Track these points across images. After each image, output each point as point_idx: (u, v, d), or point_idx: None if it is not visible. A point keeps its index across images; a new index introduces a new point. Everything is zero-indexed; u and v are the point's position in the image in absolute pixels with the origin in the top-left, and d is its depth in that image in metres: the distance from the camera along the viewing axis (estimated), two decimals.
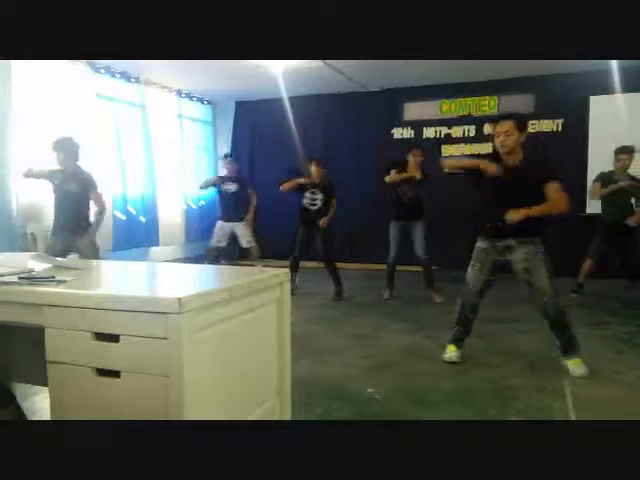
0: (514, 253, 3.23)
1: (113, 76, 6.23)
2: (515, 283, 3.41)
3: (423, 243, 5.23)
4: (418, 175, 5.15)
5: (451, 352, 3.45)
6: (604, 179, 5.42)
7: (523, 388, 2.97)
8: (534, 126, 6.62)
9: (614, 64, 5.98)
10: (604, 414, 2.59)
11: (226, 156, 6.61)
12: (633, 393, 2.91)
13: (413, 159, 5.18)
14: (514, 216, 3.06)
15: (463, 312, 3.44)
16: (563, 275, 4.23)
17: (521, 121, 3.20)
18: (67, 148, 4.52)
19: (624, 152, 5.32)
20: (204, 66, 5.82)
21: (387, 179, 5.18)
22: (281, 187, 5.59)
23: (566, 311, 3.24)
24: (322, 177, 5.61)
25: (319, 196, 5.56)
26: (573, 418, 2.57)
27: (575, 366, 3.18)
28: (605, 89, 6.23)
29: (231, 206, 6.33)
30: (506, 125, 3.13)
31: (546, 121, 6.66)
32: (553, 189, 3.10)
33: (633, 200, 5.40)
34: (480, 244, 3.36)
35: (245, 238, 6.36)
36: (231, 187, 6.33)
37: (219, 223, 6.42)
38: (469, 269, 3.38)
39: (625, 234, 5.34)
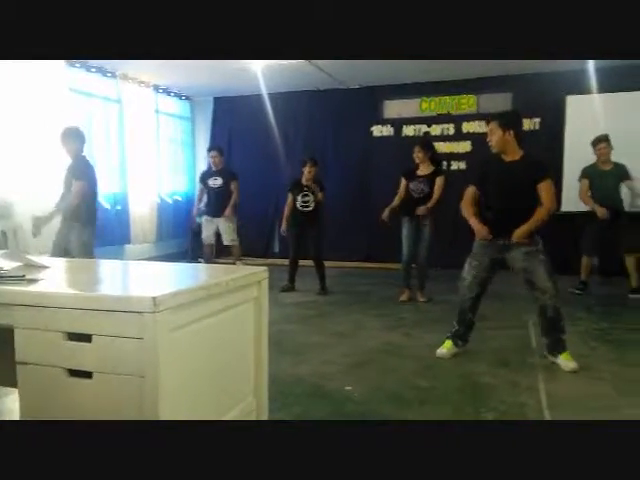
0: (512, 251, 3.25)
1: (89, 71, 6.12)
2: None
3: (426, 246, 5.05)
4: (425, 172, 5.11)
5: (442, 348, 3.49)
6: (590, 173, 5.43)
7: (497, 385, 3.00)
8: None
9: (591, 65, 6.08)
10: (578, 411, 2.63)
11: (210, 149, 6.52)
12: (606, 389, 2.95)
13: (416, 158, 5.13)
14: (518, 235, 3.16)
15: (461, 309, 3.48)
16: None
17: (504, 119, 3.29)
18: (73, 138, 4.48)
19: (601, 141, 5.37)
20: (182, 62, 5.73)
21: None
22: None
23: (562, 313, 3.26)
24: (314, 177, 5.60)
25: (310, 198, 5.59)
26: (547, 415, 2.60)
27: (566, 360, 3.22)
28: (581, 89, 6.33)
29: (216, 201, 6.25)
30: (490, 126, 3.30)
31: (523, 120, 6.72)
32: (543, 188, 3.20)
33: (624, 188, 5.39)
34: (480, 241, 3.38)
35: (228, 236, 6.27)
36: (216, 182, 6.26)
37: (206, 218, 6.35)
38: (466, 265, 3.42)
39: (610, 228, 5.32)
